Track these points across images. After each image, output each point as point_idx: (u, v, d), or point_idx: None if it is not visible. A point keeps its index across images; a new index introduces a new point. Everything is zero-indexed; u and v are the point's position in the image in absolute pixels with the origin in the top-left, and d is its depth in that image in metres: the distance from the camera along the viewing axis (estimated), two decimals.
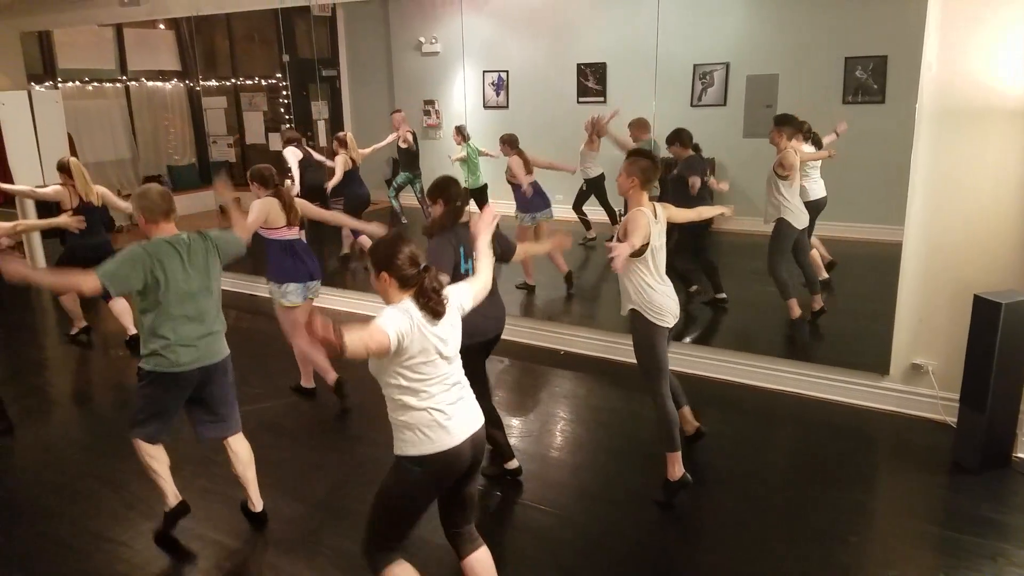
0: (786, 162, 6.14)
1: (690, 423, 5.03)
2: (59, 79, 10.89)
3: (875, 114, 6.79)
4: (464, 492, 3.22)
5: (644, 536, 4.19)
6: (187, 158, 13.01)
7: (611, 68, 8.67)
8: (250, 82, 11.35)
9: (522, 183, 7.67)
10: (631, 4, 7.78)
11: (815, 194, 6.60)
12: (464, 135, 8.60)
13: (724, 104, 7.70)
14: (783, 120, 6.28)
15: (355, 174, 8.86)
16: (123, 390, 6.26)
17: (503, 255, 4.46)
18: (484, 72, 9.45)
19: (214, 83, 11.57)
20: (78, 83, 11.52)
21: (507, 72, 9.39)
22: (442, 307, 3.01)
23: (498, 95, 9.47)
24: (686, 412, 4.99)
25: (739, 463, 4.92)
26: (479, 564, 3.29)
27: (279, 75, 10.37)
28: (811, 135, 6.66)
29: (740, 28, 7.73)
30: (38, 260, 9.99)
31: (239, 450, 4.25)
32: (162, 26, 11.50)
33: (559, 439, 5.36)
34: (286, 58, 9.57)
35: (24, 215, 9.31)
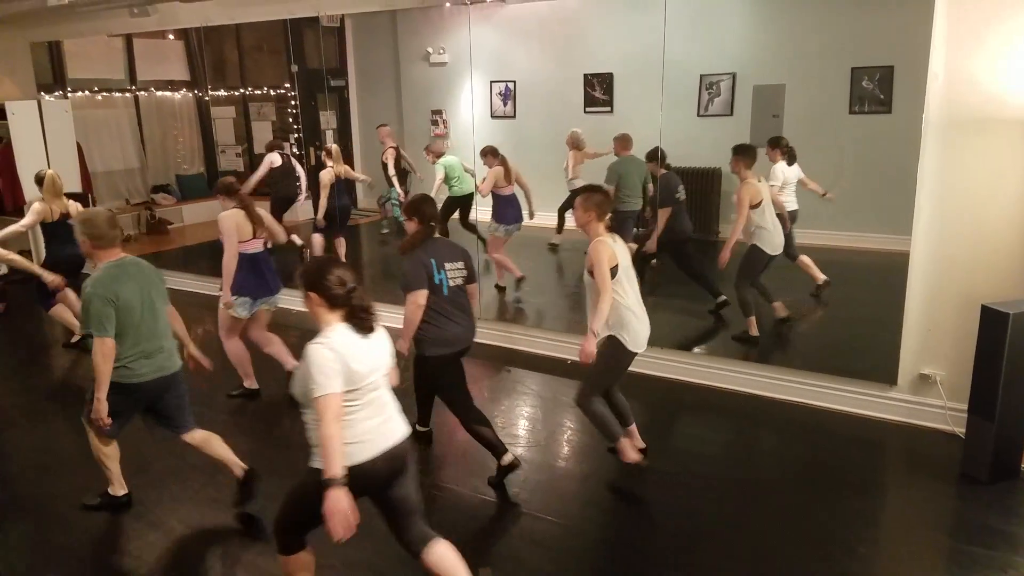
0: (739, 198, 6.33)
1: (637, 443, 5.04)
2: (69, 89, 10.96)
3: (882, 124, 6.79)
4: (393, 499, 3.31)
5: (652, 547, 4.19)
6: (196, 167, 13.07)
7: (618, 78, 8.69)
8: (259, 92, 11.41)
9: (483, 192, 8.02)
10: (638, 14, 7.80)
11: (788, 207, 6.76)
12: (434, 152, 8.79)
13: (731, 114, 7.71)
14: (741, 150, 6.43)
15: (339, 186, 8.90)
16: None
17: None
18: (491, 82, 9.49)
19: (223, 93, 11.63)
20: (88, 93, 11.59)
21: (514, 82, 9.43)
22: (371, 322, 3.15)
23: (505, 105, 9.50)
24: (633, 431, 5.04)
25: (748, 473, 4.91)
26: (441, 557, 3.36)
27: (287, 85, 10.43)
28: (788, 150, 6.80)
29: (747, 38, 7.75)
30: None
31: (197, 439, 4.52)
32: (171, 36, 11.57)
33: (566, 449, 5.36)
34: (295, 68, 9.63)
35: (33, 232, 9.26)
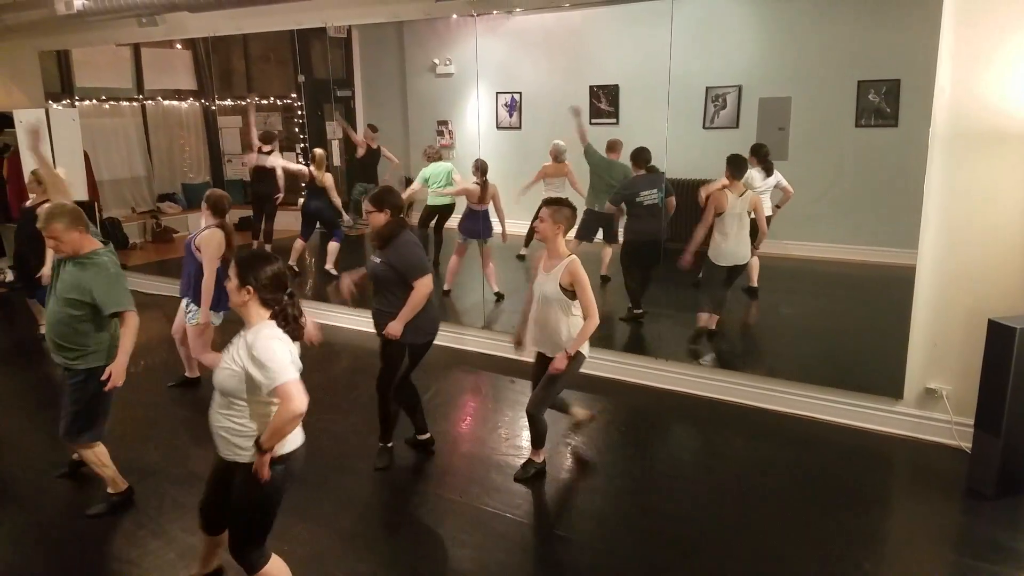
0: (706, 202, 6.57)
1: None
2: (76, 97, 10.99)
3: (888, 137, 6.80)
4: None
5: (661, 561, 4.16)
6: (202, 176, 13.08)
7: (624, 90, 8.71)
8: (265, 102, 11.44)
9: (447, 191, 8.57)
10: (644, 26, 7.83)
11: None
12: (427, 155, 8.90)
13: (736, 127, 7.72)
14: (728, 160, 6.53)
15: (314, 189, 9.25)
16: (127, 405, 6.27)
17: None
18: (497, 93, 9.51)
19: (230, 102, 11.66)
20: (95, 101, 11.61)
21: (520, 93, 9.44)
22: (301, 332, 3.27)
23: (511, 116, 9.52)
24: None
25: (752, 486, 4.89)
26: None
27: (294, 95, 10.45)
28: (764, 159, 6.93)
29: (753, 51, 7.76)
30: None
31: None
32: (179, 46, 11.59)
33: (569, 460, 5.34)
34: (301, 78, 9.66)
35: None
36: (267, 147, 9.82)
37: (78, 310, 4.23)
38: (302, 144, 10.00)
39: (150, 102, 12.44)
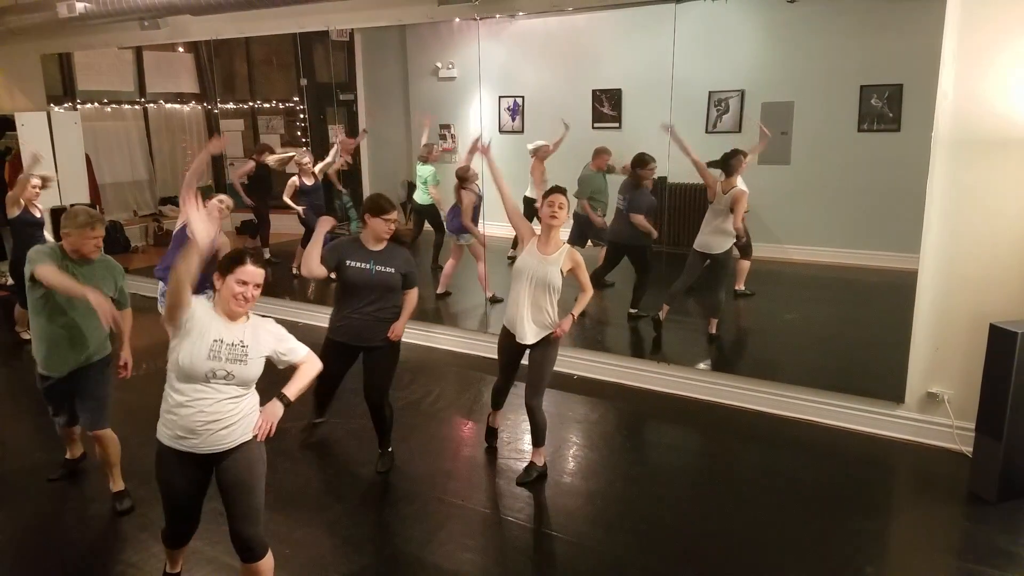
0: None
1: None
2: (78, 100, 11.01)
3: (891, 142, 6.80)
4: None
5: (662, 566, 4.15)
6: (204, 180, 13.08)
7: (626, 94, 8.72)
8: (268, 105, 11.45)
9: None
10: (647, 31, 7.84)
11: None
12: (421, 156, 8.98)
13: (739, 131, 7.73)
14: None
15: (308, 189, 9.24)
16: (129, 408, 6.26)
17: None
18: (500, 97, 9.52)
19: (232, 106, 11.67)
20: (97, 104, 11.63)
21: (523, 97, 9.46)
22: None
23: (514, 120, 9.53)
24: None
25: (754, 490, 4.88)
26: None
27: (297, 98, 10.46)
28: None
29: (755, 55, 7.77)
30: None
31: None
32: (181, 49, 11.61)
33: (572, 464, 5.34)
34: (304, 82, 9.67)
35: None
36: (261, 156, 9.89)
37: None
38: (304, 148, 10.00)
39: (152, 105, 12.46)
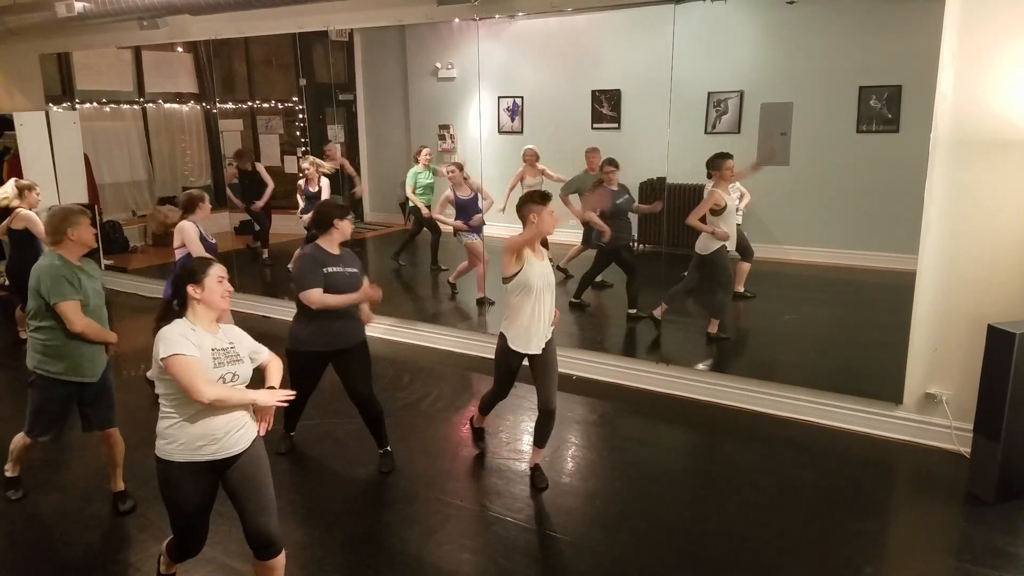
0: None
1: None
2: (77, 100, 11.00)
3: (890, 143, 6.81)
4: None
5: (661, 567, 4.15)
6: (203, 179, 13.09)
7: (626, 95, 8.73)
8: (267, 105, 11.45)
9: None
10: (646, 32, 7.85)
11: None
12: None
13: (738, 132, 7.73)
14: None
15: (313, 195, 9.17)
16: (128, 409, 6.26)
17: None
18: (499, 98, 9.52)
19: (231, 106, 11.67)
20: (96, 104, 11.62)
21: (522, 98, 9.46)
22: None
23: (513, 120, 9.53)
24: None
25: (752, 491, 4.89)
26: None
27: (296, 99, 10.47)
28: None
29: (755, 56, 7.78)
30: None
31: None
32: (180, 49, 11.61)
33: (571, 465, 5.34)
34: (303, 82, 9.67)
35: None
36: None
37: None
38: (303, 148, 10.01)
39: (151, 105, 12.46)
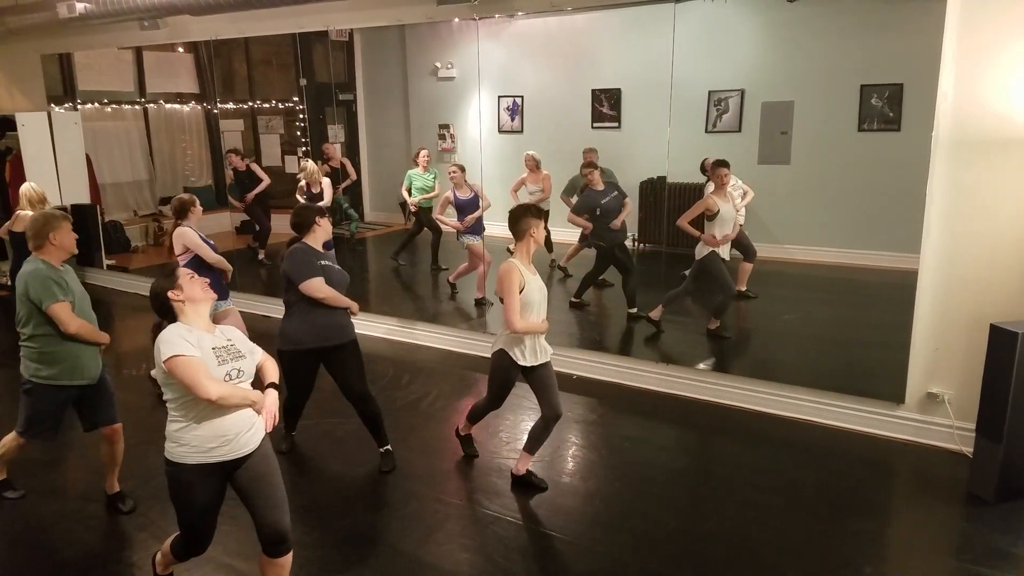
0: None
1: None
2: (79, 101, 11.01)
3: (891, 142, 6.79)
4: None
5: (660, 567, 4.15)
6: (203, 179, 13.10)
7: (626, 94, 8.71)
8: (267, 105, 11.45)
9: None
10: (646, 30, 7.83)
11: None
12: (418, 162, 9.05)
13: (739, 131, 7.72)
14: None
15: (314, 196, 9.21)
16: (129, 409, 6.26)
17: None
18: (499, 97, 9.51)
19: (231, 106, 11.68)
20: (97, 105, 11.64)
21: (522, 97, 9.45)
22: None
23: (513, 120, 9.52)
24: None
25: (753, 491, 4.87)
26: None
27: (296, 98, 10.46)
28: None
29: (755, 55, 7.76)
30: None
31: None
32: (181, 49, 11.62)
33: (571, 465, 5.33)
34: (303, 82, 9.67)
35: None
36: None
37: None
38: (304, 148, 10.01)
39: (152, 105, 12.47)
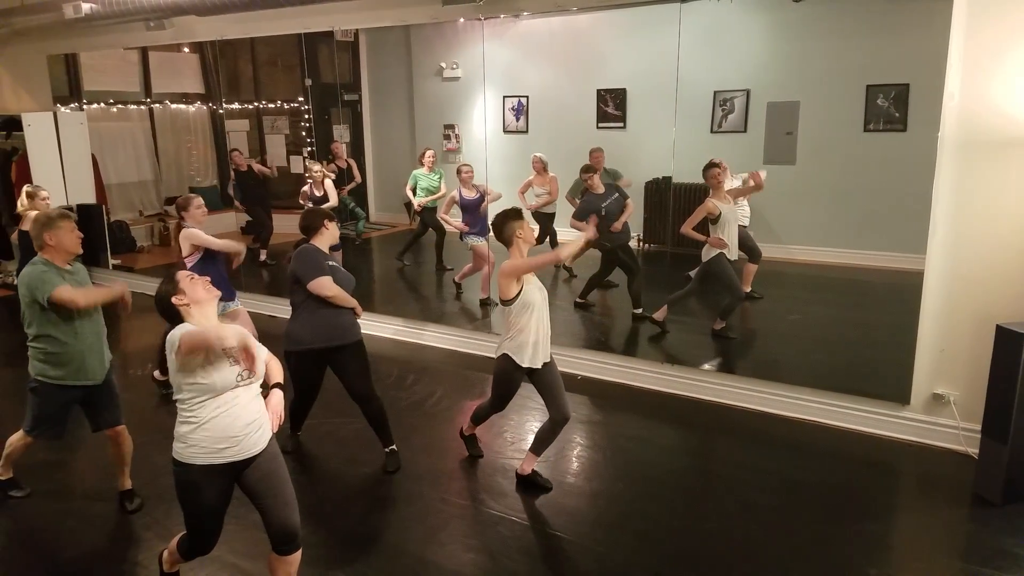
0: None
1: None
2: (84, 101, 11.04)
3: (897, 142, 6.78)
4: None
5: (664, 568, 4.14)
6: (209, 180, 13.13)
7: (631, 94, 8.70)
8: (272, 106, 11.47)
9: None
10: (652, 30, 7.82)
11: None
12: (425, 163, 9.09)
13: (744, 131, 7.70)
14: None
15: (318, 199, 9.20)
16: (135, 409, 6.27)
17: None
18: (504, 97, 9.50)
19: (237, 106, 11.69)
20: (103, 105, 11.66)
21: (527, 97, 9.44)
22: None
23: (518, 120, 9.52)
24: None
25: (759, 492, 4.86)
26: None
27: (301, 99, 10.47)
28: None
29: (761, 55, 7.75)
30: None
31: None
32: (186, 50, 11.64)
33: (575, 465, 5.33)
34: (308, 82, 9.68)
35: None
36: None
37: None
38: (309, 148, 10.02)
39: (158, 106, 12.50)
